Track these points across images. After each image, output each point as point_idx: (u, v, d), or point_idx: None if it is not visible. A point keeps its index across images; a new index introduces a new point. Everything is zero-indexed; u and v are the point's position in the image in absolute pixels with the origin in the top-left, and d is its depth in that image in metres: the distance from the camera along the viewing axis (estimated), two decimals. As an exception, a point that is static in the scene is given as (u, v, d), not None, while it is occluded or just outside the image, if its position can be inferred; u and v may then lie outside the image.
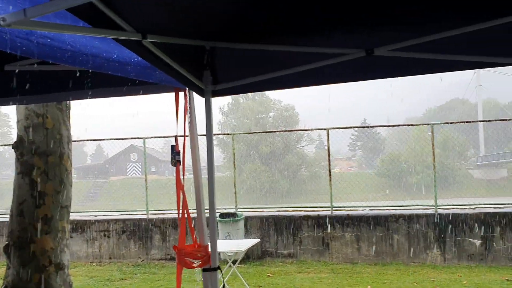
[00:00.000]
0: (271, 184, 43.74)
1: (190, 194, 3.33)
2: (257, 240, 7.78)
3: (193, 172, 3.34)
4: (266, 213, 9.63)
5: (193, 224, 3.28)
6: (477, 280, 7.14)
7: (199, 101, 3.35)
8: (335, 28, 2.87)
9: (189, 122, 3.23)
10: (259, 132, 51.30)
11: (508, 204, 9.53)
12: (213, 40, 2.90)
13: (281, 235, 8.90)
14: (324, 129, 9.93)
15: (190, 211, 3.30)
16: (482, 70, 50.15)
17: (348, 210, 9.33)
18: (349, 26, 2.85)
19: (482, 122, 44.45)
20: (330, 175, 9.72)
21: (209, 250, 3.30)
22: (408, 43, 2.83)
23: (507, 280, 7.10)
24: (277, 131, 49.11)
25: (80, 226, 9.64)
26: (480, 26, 2.68)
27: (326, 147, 10.13)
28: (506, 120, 26.08)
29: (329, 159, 9.80)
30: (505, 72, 53.71)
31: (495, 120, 24.08)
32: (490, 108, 61.00)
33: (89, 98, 3.08)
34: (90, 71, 2.78)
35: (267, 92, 50.90)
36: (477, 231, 8.15)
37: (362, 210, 9.42)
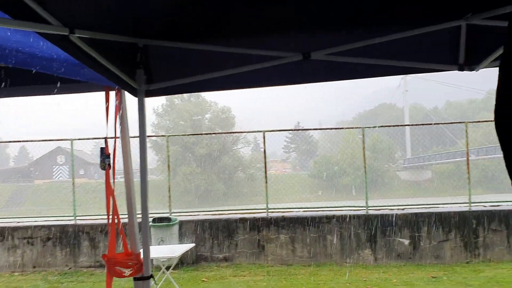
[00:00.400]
0: (207, 187, 43.46)
1: (121, 198, 3.18)
2: (192, 244, 7.64)
3: (124, 176, 3.19)
4: (201, 216, 9.49)
5: (124, 230, 3.13)
6: (406, 278, 7.44)
7: (131, 101, 3.21)
8: (272, 31, 2.85)
9: (120, 123, 3.07)
10: (195, 134, 50.83)
11: (433, 204, 10.04)
12: (146, 37, 2.78)
13: (216, 238, 8.81)
14: (261, 131, 9.97)
15: (121, 216, 3.14)
16: (408, 76, 52.83)
17: (283, 212, 9.41)
18: (286, 29, 2.84)
19: (408, 126, 46.80)
20: (266, 177, 9.76)
21: (142, 257, 3.16)
22: (344, 48, 2.87)
23: (433, 277, 7.46)
24: (214, 133, 48.90)
25: (0, 233, 9.00)
26: (408, 33, 2.77)
27: (262, 149, 10.17)
28: (431, 124, 27.65)
29: (265, 162, 9.85)
30: (430, 79, 57.00)
31: (421, 124, 25.46)
32: (416, 112, 64.33)
33: (7, 97, 2.84)
34: (10, 66, 2.56)
35: (203, 94, 50.58)
36: (405, 231, 8.51)
37: (296, 211, 9.53)
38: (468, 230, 8.40)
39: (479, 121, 13.61)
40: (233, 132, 51.45)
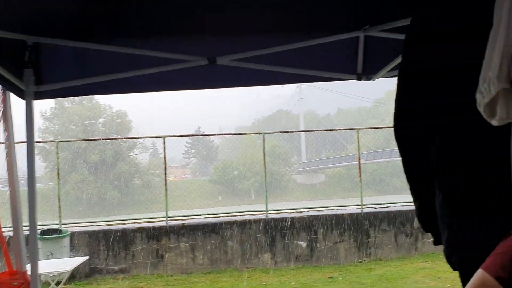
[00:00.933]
0: (100, 195, 41.41)
1: (6, 209, 2.86)
2: (85, 257, 7.18)
3: (9, 185, 2.87)
4: (95, 227, 8.96)
5: (8, 245, 2.81)
6: (304, 280, 7.66)
7: (17, 104, 2.90)
8: (177, 34, 2.75)
9: (4, 128, 2.76)
10: (88, 140, 48.29)
11: (328, 207, 10.50)
12: (36, 34, 2.53)
13: (112, 250, 8.36)
14: (160, 136, 9.70)
15: (4, 229, 2.83)
16: (303, 85, 55.23)
17: (183, 219, 9.22)
18: (191, 33, 2.76)
19: (304, 132, 48.89)
20: (166, 184, 9.51)
21: (29, 275, 2.86)
22: (249, 54, 2.86)
23: (329, 277, 7.77)
24: (108, 139, 46.85)
25: None
26: (310, 43, 2.84)
27: (161, 155, 9.91)
28: (323, 130, 29.06)
29: (165, 168, 9.59)
30: (323, 87, 60.15)
31: (315, 131, 26.69)
32: (310, 119, 67.33)
33: None
34: None
35: (97, 97, 48.23)
36: (303, 233, 8.78)
37: (197, 218, 9.40)
38: (361, 231, 8.89)
39: (369, 128, 14.60)
40: (130, 138, 49.72)
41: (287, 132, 33.99)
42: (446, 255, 1.78)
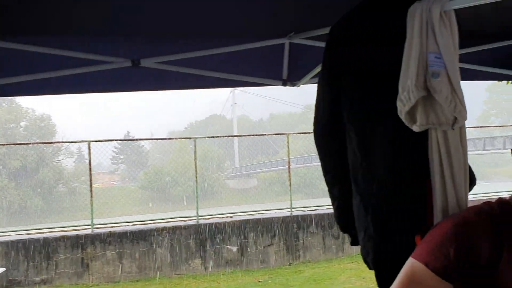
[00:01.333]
0: (21, 203, 39.00)
1: None
2: (2, 269, 6.73)
3: None
4: (14, 237, 8.45)
5: None
6: (234, 284, 7.67)
7: None
8: (99, 34, 2.65)
9: None
10: (7, 144, 45.40)
11: (260, 211, 10.61)
12: None
13: (33, 260, 7.90)
14: (86, 141, 9.35)
15: None
16: (237, 90, 55.52)
17: (110, 227, 8.92)
18: (114, 34, 2.67)
19: (237, 137, 49.02)
20: (91, 191, 9.15)
21: None
22: (174, 58, 2.82)
23: (259, 281, 7.83)
24: (30, 143, 44.29)
25: None
26: (235, 48, 2.85)
27: (87, 161, 9.52)
28: (256, 135, 29.34)
29: (90, 174, 9.23)
30: (256, 93, 60.75)
31: (246, 136, 26.86)
32: (244, 124, 67.72)
33: None
34: None
35: (18, 99, 45.55)
36: (234, 238, 8.78)
37: (125, 225, 9.13)
38: (290, 234, 9.05)
39: (299, 133, 14.92)
40: (54, 142, 47.40)
41: (219, 136, 33.92)
42: (363, 256, 1.85)
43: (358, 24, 1.81)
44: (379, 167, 1.75)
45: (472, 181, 1.60)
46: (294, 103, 62.73)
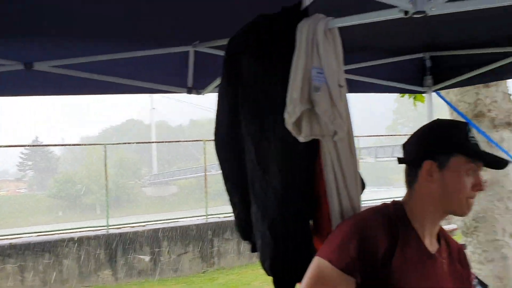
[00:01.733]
0: None
1: None
2: None
3: None
4: None
5: None
6: (146, 295, 7.48)
7: None
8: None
9: None
10: None
11: (175, 218, 10.45)
12: None
13: None
14: (-15, 147, 8.68)
15: None
16: (155, 95, 54.39)
17: (11, 239, 8.32)
18: (4, 34, 2.50)
19: (155, 143, 47.89)
20: (-10, 200, 8.49)
21: None
22: (71, 61, 2.70)
23: (172, 290, 7.71)
24: None
25: None
26: (137, 54, 2.79)
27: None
28: (176, 141, 28.87)
29: (-12, 182, 8.56)
30: (176, 98, 59.92)
31: (167, 142, 26.38)
32: (163, 130, 66.47)
33: None
34: None
35: None
36: (146, 247, 8.56)
37: (28, 236, 8.58)
38: (205, 241, 8.99)
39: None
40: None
41: (134, 143, 32.93)
42: (261, 262, 1.88)
43: (252, 37, 1.84)
44: (273, 176, 1.80)
45: (362, 186, 1.70)
46: (215, 110, 62.65)
